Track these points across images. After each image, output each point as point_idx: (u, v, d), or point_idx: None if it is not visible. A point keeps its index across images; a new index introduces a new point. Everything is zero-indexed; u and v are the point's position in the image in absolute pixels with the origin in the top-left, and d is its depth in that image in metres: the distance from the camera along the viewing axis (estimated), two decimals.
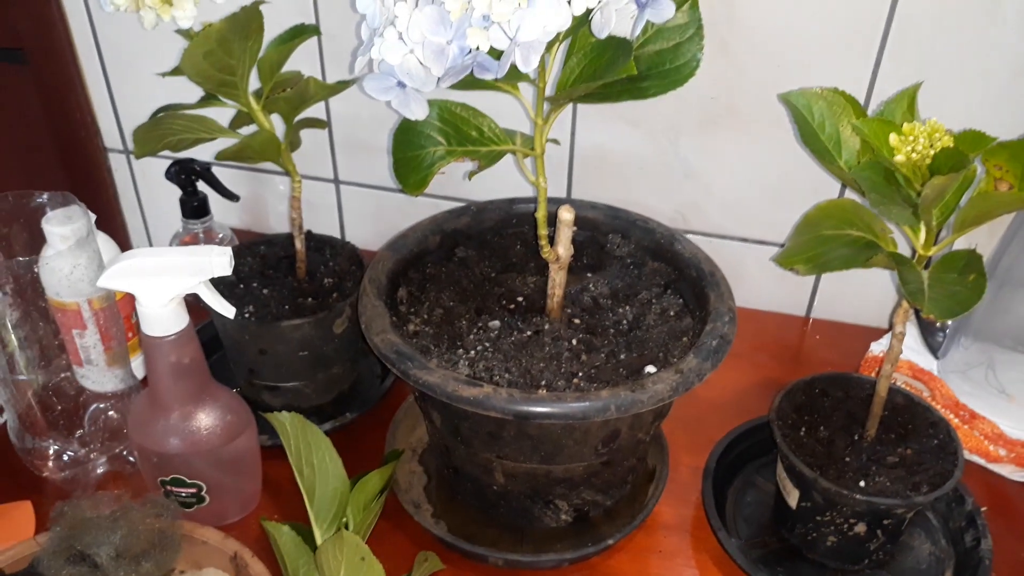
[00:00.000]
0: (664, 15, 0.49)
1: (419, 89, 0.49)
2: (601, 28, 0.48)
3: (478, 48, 0.46)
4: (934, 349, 0.82)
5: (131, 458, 0.73)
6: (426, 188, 0.58)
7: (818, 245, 0.57)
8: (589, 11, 0.46)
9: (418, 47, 0.47)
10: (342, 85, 0.67)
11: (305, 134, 0.74)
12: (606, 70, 0.49)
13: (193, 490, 0.66)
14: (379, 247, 0.96)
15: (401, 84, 0.49)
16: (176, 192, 0.86)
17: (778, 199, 0.84)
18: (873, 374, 0.80)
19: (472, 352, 0.63)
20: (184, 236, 0.88)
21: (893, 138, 0.48)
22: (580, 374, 0.61)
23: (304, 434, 0.64)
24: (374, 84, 0.50)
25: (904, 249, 0.60)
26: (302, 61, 0.86)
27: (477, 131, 0.58)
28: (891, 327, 0.79)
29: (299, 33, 0.65)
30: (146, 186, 1.03)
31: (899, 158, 0.47)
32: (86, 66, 0.95)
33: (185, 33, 0.63)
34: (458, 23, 0.45)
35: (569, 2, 0.44)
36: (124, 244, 1.07)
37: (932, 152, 0.47)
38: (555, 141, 0.83)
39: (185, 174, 0.84)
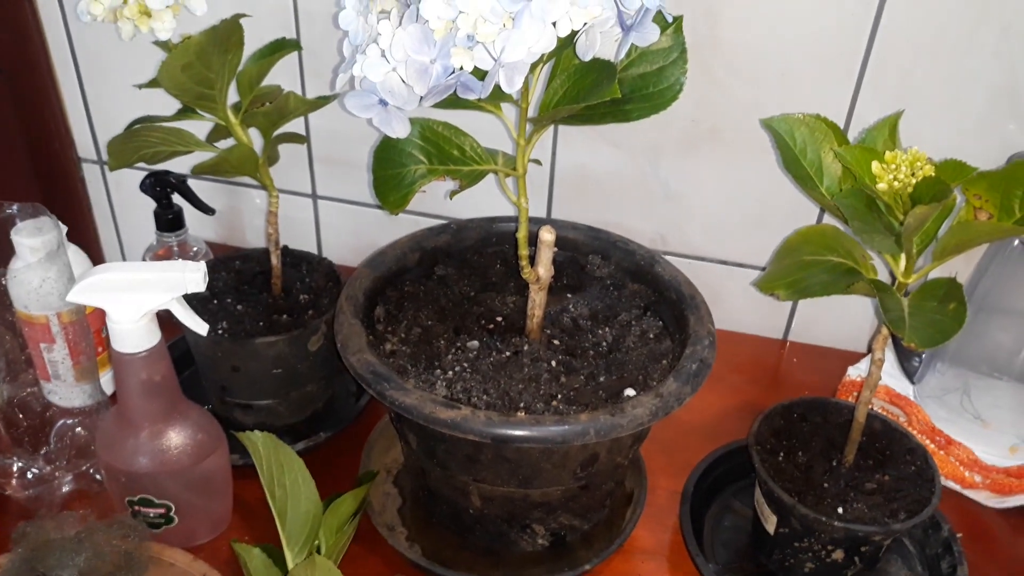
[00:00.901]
0: (649, 39, 0.49)
1: (401, 107, 0.49)
2: (586, 51, 0.47)
3: (462, 68, 0.45)
4: (910, 374, 0.82)
5: (98, 476, 0.71)
6: (407, 206, 0.57)
7: (798, 270, 0.57)
8: (574, 33, 0.46)
9: (401, 65, 0.46)
10: (322, 101, 0.66)
11: (283, 148, 0.73)
12: (590, 93, 0.49)
13: (162, 510, 0.65)
14: (356, 263, 0.96)
15: (383, 102, 0.49)
16: (150, 204, 0.84)
17: (758, 222, 0.85)
18: (850, 398, 0.80)
19: (450, 373, 0.62)
20: (158, 249, 0.87)
21: (875, 166, 0.48)
22: (559, 396, 0.61)
23: (276, 455, 0.63)
24: (355, 101, 0.49)
25: (884, 275, 0.60)
26: (282, 76, 0.85)
27: (459, 150, 0.57)
28: (869, 351, 0.79)
29: (280, 48, 0.65)
30: (120, 198, 1.01)
31: (881, 186, 0.47)
32: (61, 75, 0.94)
33: (164, 45, 0.62)
34: (442, 42, 0.45)
35: (554, 24, 0.44)
36: (96, 256, 1.06)
37: (914, 181, 0.47)
38: (537, 162, 0.82)
39: (160, 186, 0.82)
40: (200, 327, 0.60)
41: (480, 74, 0.46)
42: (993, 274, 0.75)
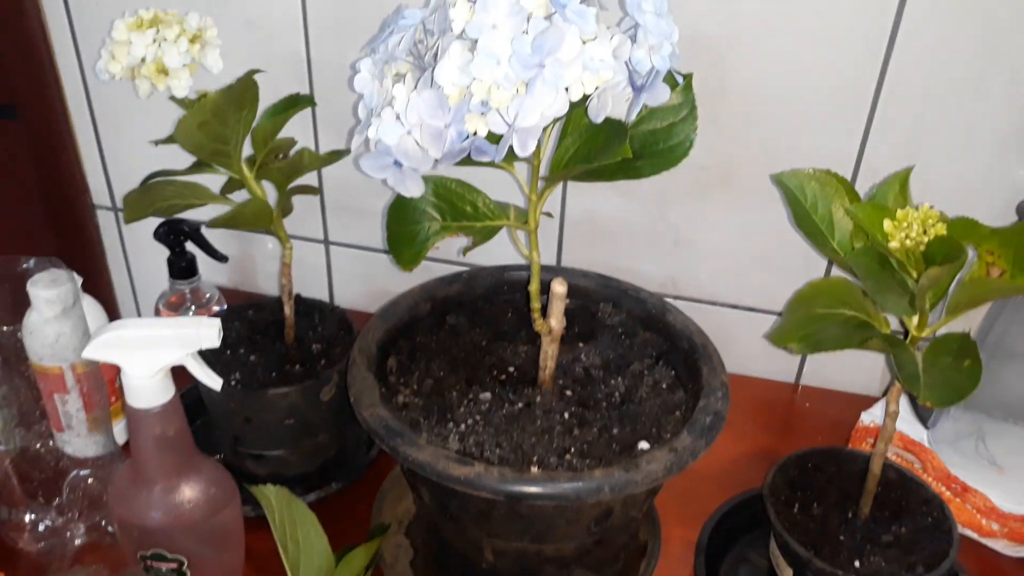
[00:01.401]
0: (660, 99, 0.50)
1: (416, 169, 0.49)
2: (598, 113, 0.48)
3: (476, 133, 0.46)
4: (924, 419, 0.82)
5: (111, 528, 0.71)
6: (420, 263, 0.58)
7: (811, 323, 0.57)
8: (586, 96, 0.46)
9: (416, 129, 0.47)
10: (335, 156, 0.67)
11: (296, 196, 0.74)
12: (601, 152, 0.50)
13: (174, 565, 0.65)
14: (369, 309, 0.96)
15: (398, 163, 0.49)
16: (164, 251, 0.85)
17: (769, 266, 0.85)
18: (864, 445, 0.80)
19: (463, 426, 0.62)
20: (171, 296, 0.87)
21: (887, 224, 0.48)
22: (572, 449, 0.60)
23: (289, 509, 0.63)
24: (370, 163, 0.50)
25: (895, 326, 0.60)
26: (296, 124, 0.85)
27: (472, 206, 0.57)
28: (884, 395, 0.79)
29: (294, 104, 0.66)
30: (134, 244, 1.02)
31: (893, 244, 0.48)
32: (77, 123, 0.95)
33: (180, 101, 0.63)
34: (456, 108, 0.45)
35: (567, 89, 0.44)
36: (110, 302, 1.06)
37: (926, 239, 0.47)
38: (548, 214, 0.83)
39: (174, 235, 0.83)
40: (214, 383, 0.60)
41: (494, 138, 0.46)
42: (1005, 319, 0.75)
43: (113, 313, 1.07)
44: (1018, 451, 0.77)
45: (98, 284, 1.04)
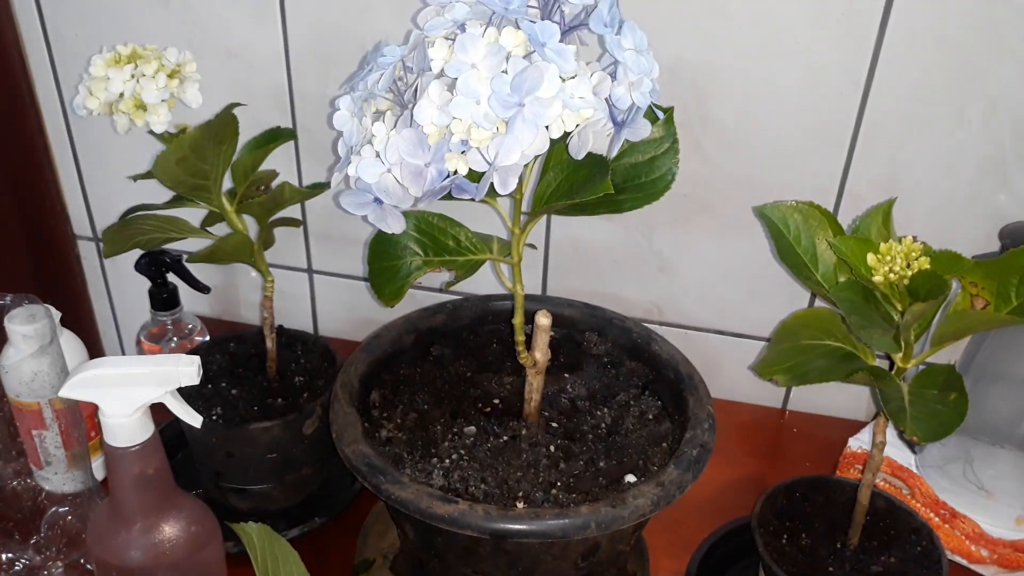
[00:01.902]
0: (641, 134, 0.50)
1: (396, 206, 0.49)
2: (579, 150, 0.48)
3: (456, 171, 0.45)
4: (911, 444, 0.82)
5: (89, 567, 0.70)
6: (402, 299, 0.57)
7: (796, 355, 0.57)
8: (567, 134, 0.46)
9: (396, 167, 0.46)
10: (317, 189, 0.66)
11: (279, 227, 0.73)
12: (583, 187, 0.49)
13: None
14: (352, 336, 0.95)
15: (378, 200, 0.49)
16: (146, 281, 0.84)
17: (754, 292, 0.85)
18: (852, 471, 0.80)
19: (447, 461, 0.61)
20: (152, 327, 0.86)
21: (871, 258, 0.48)
22: (559, 484, 0.60)
23: (271, 547, 0.62)
24: (350, 200, 0.49)
25: (879, 354, 0.60)
26: (278, 155, 0.85)
27: (454, 241, 0.57)
28: (873, 419, 0.79)
29: (274, 138, 0.65)
30: (115, 274, 1.01)
31: (877, 278, 0.47)
32: (57, 153, 0.94)
33: (159, 136, 0.63)
34: (436, 147, 0.45)
35: (547, 127, 0.44)
36: (92, 332, 1.05)
37: (910, 272, 0.47)
38: (532, 246, 0.83)
39: (155, 266, 0.82)
40: (195, 420, 0.60)
41: (475, 176, 0.46)
42: (991, 343, 0.75)
43: (94, 344, 1.06)
44: (1006, 475, 0.77)
45: (79, 314, 1.03)
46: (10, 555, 0.70)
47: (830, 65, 0.73)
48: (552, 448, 0.63)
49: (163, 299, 0.84)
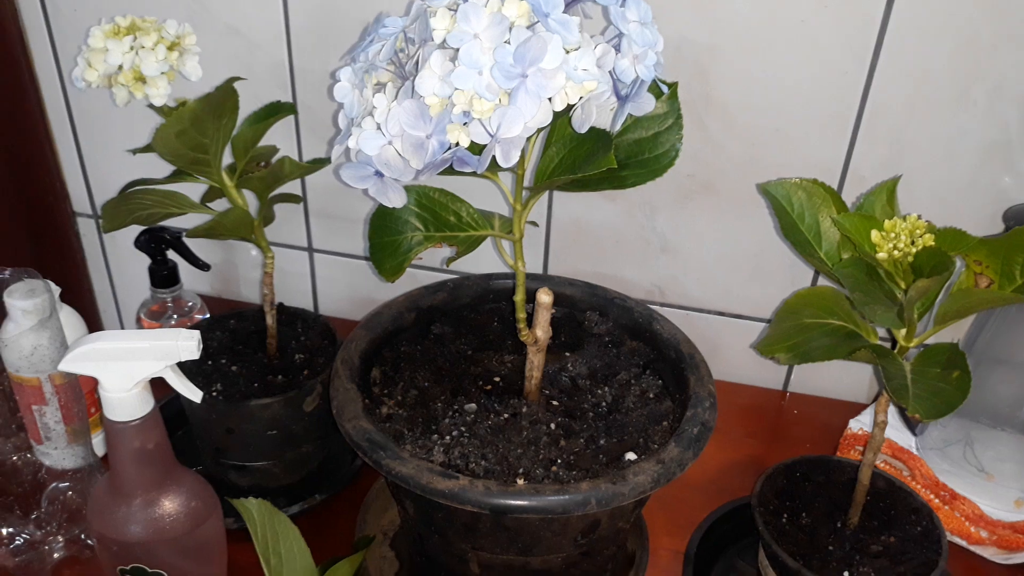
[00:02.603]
0: (644, 108, 0.49)
1: (397, 179, 0.48)
2: (582, 123, 0.47)
3: (458, 143, 0.45)
4: (912, 426, 0.82)
5: (90, 542, 0.70)
6: (402, 274, 0.57)
7: (799, 333, 0.56)
8: (570, 107, 0.46)
9: (397, 139, 0.46)
10: (317, 164, 0.66)
11: (279, 203, 0.73)
12: (585, 162, 0.49)
13: None
14: (352, 316, 0.95)
15: (379, 173, 0.48)
16: (146, 259, 0.84)
17: (756, 273, 0.84)
18: (852, 452, 0.80)
19: (447, 437, 0.61)
20: (152, 305, 0.86)
21: (875, 235, 0.48)
22: (559, 461, 0.60)
23: (271, 522, 0.62)
24: (351, 173, 0.49)
25: (882, 333, 0.59)
26: (278, 131, 0.85)
27: (455, 216, 0.57)
28: (873, 401, 0.79)
29: (275, 112, 0.65)
30: (115, 251, 1.01)
31: (881, 255, 0.47)
32: (57, 131, 0.94)
33: (158, 109, 0.62)
34: (438, 118, 0.44)
35: (550, 99, 0.44)
36: (91, 310, 1.05)
37: (914, 249, 0.47)
38: (534, 223, 0.83)
39: (155, 243, 0.82)
40: (194, 395, 0.59)
41: (476, 148, 0.45)
42: (994, 325, 0.75)
43: (94, 321, 1.06)
44: (1006, 457, 0.77)
45: (79, 292, 1.03)
46: (10, 530, 0.70)
47: (835, 45, 0.72)
48: (552, 426, 0.63)
49: (163, 276, 0.84)
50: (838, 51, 0.72)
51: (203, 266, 0.85)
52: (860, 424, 0.82)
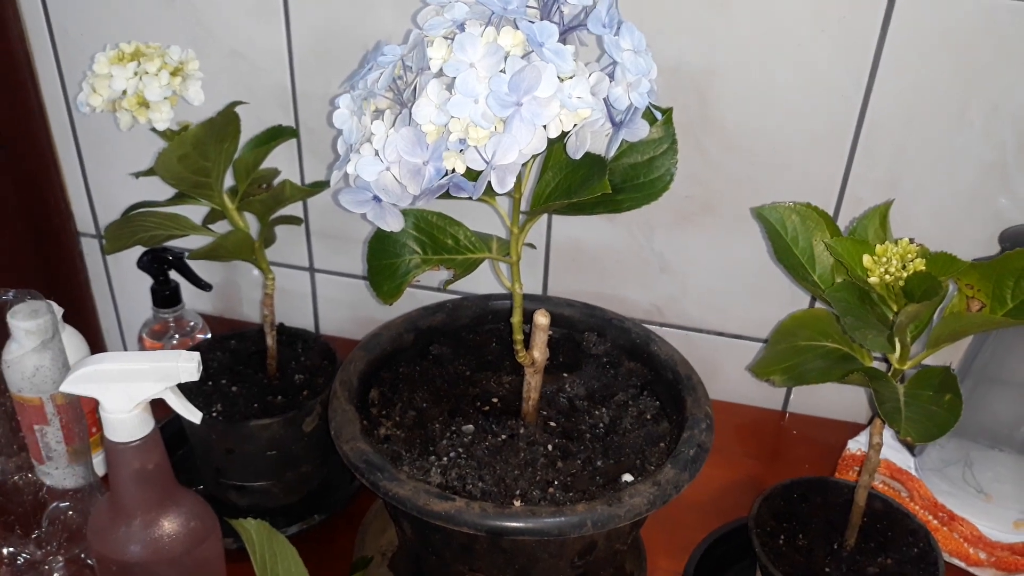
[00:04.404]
0: (639, 135, 0.50)
1: (395, 204, 0.49)
2: (576, 150, 0.48)
3: (454, 170, 0.46)
4: (911, 447, 0.82)
5: (90, 561, 0.70)
6: (400, 296, 0.57)
7: (793, 356, 0.57)
8: (565, 133, 0.46)
9: (394, 165, 0.46)
10: (318, 187, 0.67)
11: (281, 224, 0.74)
12: (581, 187, 0.50)
13: None
14: (353, 335, 0.96)
15: (377, 198, 0.49)
16: (148, 279, 0.84)
17: (754, 294, 0.85)
18: (851, 473, 0.80)
19: (445, 459, 0.61)
20: (154, 324, 0.87)
21: (866, 259, 0.48)
22: (556, 482, 0.60)
23: (270, 543, 0.62)
24: (349, 197, 0.50)
25: (879, 356, 0.60)
26: (280, 153, 0.86)
27: (453, 239, 0.57)
28: (870, 422, 0.79)
29: (276, 135, 0.65)
30: (118, 271, 1.01)
31: (873, 280, 0.48)
32: (62, 151, 0.95)
33: (161, 133, 0.63)
34: (434, 146, 0.45)
35: (545, 126, 0.44)
36: (94, 329, 1.06)
37: (905, 273, 0.48)
38: (531, 246, 0.83)
39: (157, 263, 0.83)
40: (194, 416, 0.60)
41: (472, 175, 0.46)
42: (991, 346, 0.75)
43: (97, 340, 1.07)
44: (1005, 478, 0.77)
45: (82, 311, 1.03)
46: (11, 549, 0.70)
47: (832, 67, 0.73)
48: (550, 447, 0.63)
49: (165, 296, 0.84)
50: (835, 73, 0.73)
51: (205, 286, 0.86)
52: (859, 445, 0.82)
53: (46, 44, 0.88)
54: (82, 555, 0.71)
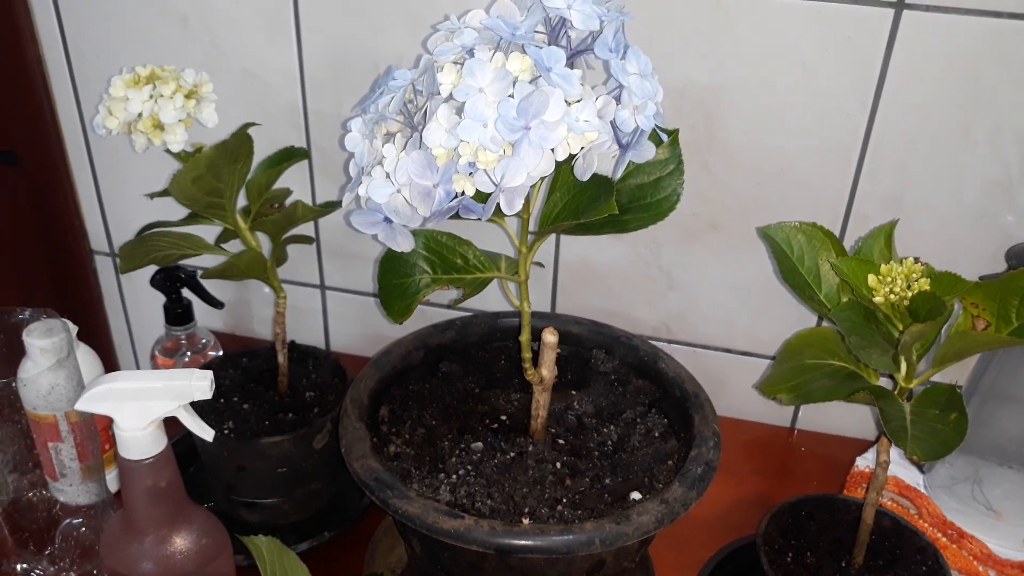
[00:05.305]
0: (645, 156, 0.51)
1: (406, 225, 0.50)
2: (584, 172, 0.49)
3: (464, 192, 0.46)
4: (919, 464, 0.82)
5: None
6: (410, 315, 0.58)
7: (800, 374, 0.57)
8: (572, 156, 0.47)
9: (405, 188, 0.47)
10: (329, 208, 0.68)
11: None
12: (588, 208, 0.50)
13: None
14: (364, 352, 0.97)
15: (388, 220, 0.50)
16: (161, 296, 0.85)
17: (762, 311, 0.85)
18: (859, 490, 0.80)
19: (454, 476, 0.62)
20: (167, 342, 0.88)
21: (871, 279, 0.49)
22: (564, 500, 0.60)
23: (281, 559, 0.62)
24: (361, 219, 0.51)
25: (884, 378, 0.60)
26: (292, 172, 0.87)
27: (462, 259, 0.58)
28: (878, 439, 0.79)
29: (288, 157, 0.66)
30: (131, 289, 1.03)
31: (878, 299, 0.48)
32: (76, 170, 0.96)
33: (176, 155, 0.64)
34: (444, 169, 0.46)
35: (553, 149, 0.45)
36: (107, 347, 1.07)
37: (910, 293, 0.48)
38: (540, 264, 0.84)
39: (170, 282, 0.84)
40: (206, 434, 0.61)
41: (482, 197, 0.47)
42: (999, 363, 0.75)
43: (109, 357, 1.08)
44: (1015, 496, 0.77)
45: (95, 329, 1.04)
46: (25, 566, 0.71)
47: (837, 86, 0.73)
48: (558, 465, 0.63)
49: (177, 314, 0.85)
50: (840, 92, 0.74)
51: (217, 304, 0.87)
52: (867, 462, 0.82)
53: (62, 66, 0.90)
54: (95, 572, 0.72)
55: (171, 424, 0.61)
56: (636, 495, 0.61)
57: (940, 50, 0.70)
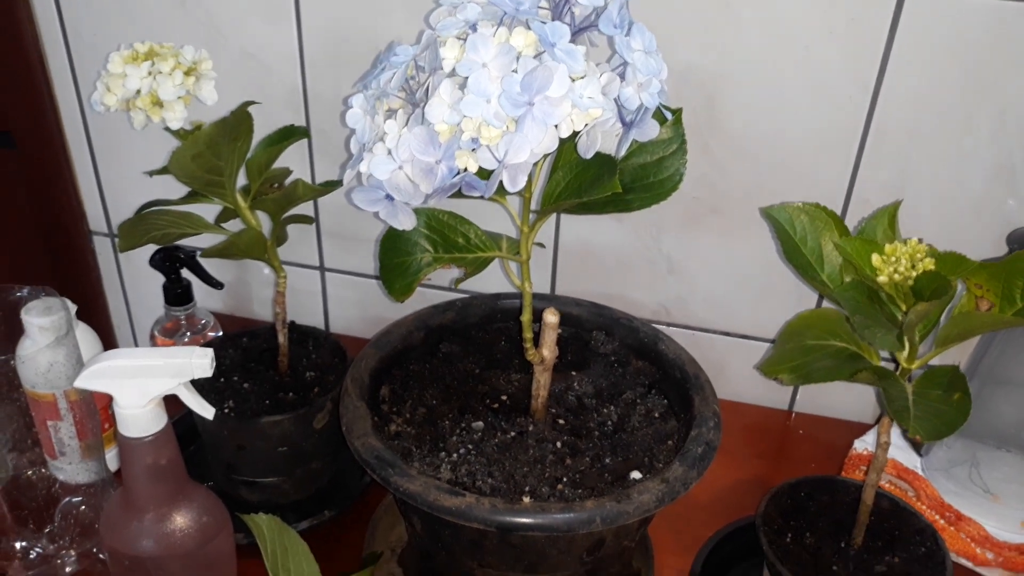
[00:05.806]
0: (649, 134, 0.50)
1: (407, 202, 0.50)
2: (587, 149, 0.48)
3: (466, 169, 0.46)
4: (917, 446, 0.82)
5: (102, 556, 0.71)
6: (412, 294, 0.58)
7: (802, 355, 0.57)
8: (576, 133, 0.47)
9: (407, 164, 0.47)
10: (329, 187, 0.67)
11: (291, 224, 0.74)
12: (591, 186, 0.50)
13: None
14: (363, 334, 0.96)
15: (389, 197, 0.50)
16: (160, 277, 0.85)
17: (761, 294, 0.85)
18: (857, 473, 0.80)
19: (455, 455, 0.62)
20: (166, 322, 0.87)
21: (875, 258, 0.48)
22: (565, 479, 0.60)
23: (281, 538, 0.63)
24: (362, 196, 0.50)
25: (885, 355, 0.60)
26: (291, 153, 0.86)
27: (464, 238, 0.58)
28: (876, 422, 0.79)
29: (288, 135, 0.66)
30: (130, 270, 1.02)
31: (882, 279, 0.48)
32: (74, 150, 0.96)
33: (175, 132, 0.64)
34: (447, 145, 0.46)
35: (556, 126, 0.45)
36: (106, 327, 1.06)
37: (914, 273, 0.48)
38: (541, 245, 0.84)
39: (169, 262, 0.83)
40: (207, 412, 0.61)
41: (484, 173, 0.47)
42: (999, 346, 0.75)
43: (108, 338, 1.07)
44: (1012, 479, 0.77)
45: (94, 310, 1.04)
46: (24, 543, 0.71)
47: (839, 71, 0.73)
48: (559, 444, 0.63)
49: (177, 294, 0.85)
50: (842, 77, 0.73)
51: (216, 284, 0.87)
52: (865, 444, 0.82)
53: (59, 45, 0.89)
54: (94, 549, 0.72)
55: (171, 403, 0.61)
56: (636, 474, 0.61)
57: (943, 33, 0.70)
